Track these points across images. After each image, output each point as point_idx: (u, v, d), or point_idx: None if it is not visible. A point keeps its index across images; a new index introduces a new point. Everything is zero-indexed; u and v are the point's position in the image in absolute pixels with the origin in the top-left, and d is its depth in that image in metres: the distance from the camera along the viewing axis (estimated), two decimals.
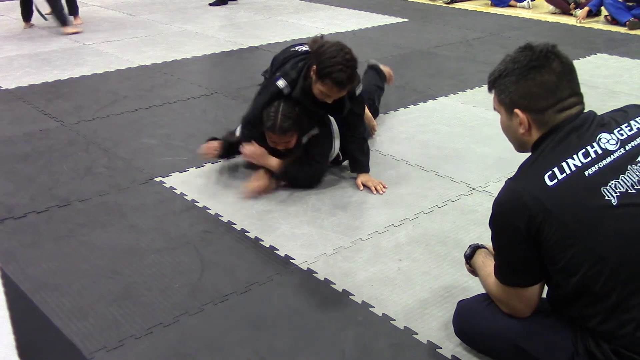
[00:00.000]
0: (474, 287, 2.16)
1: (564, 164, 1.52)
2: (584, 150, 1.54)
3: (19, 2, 6.32)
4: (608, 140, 1.56)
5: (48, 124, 3.82)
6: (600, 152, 1.54)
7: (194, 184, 3.06)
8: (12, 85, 4.55)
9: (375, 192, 2.96)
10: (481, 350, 1.91)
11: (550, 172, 1.52)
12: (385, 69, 3.96)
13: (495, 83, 1.66)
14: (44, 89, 4.49)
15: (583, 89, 1.64)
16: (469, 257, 1.97)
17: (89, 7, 7.49)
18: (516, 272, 1.65)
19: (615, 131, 1.59)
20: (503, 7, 7.63)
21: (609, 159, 1.54)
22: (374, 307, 2.16)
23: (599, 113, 1.67)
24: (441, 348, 1.97)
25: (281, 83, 2.87)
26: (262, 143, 2.99)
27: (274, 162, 2.99)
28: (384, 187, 3.00)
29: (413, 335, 2.03)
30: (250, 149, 2.98)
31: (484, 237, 2.07)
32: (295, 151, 2.98)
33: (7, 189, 3.01)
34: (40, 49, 5.55)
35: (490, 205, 1.63)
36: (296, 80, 2.85)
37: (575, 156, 1.53)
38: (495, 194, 1.63)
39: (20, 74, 4.81)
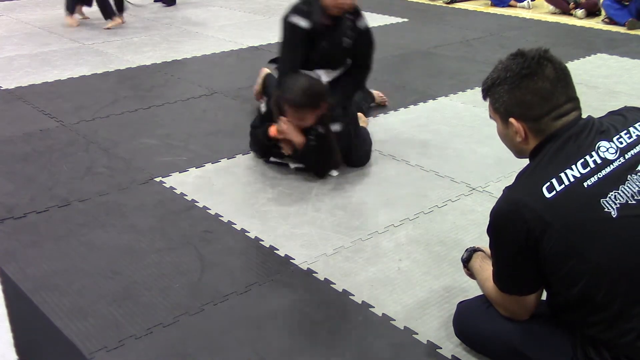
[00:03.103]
0: (473, 288, 2.16)
1: (562, 174, 1.50)
2: (582, 160, 1.51)
3: None
4: (607, 149, 1.53)
5: (48, 124, 3.82)
6: (599, 161, 1.51)
7: (194, 184, 3.06)
8: (12, 85, 4.54)
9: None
10: (481, 352, 1.91)
11: (548, 183, 1.49)
12: (375, 92, 4.03)
13: (488, 91, 1.64)
14: (44, 89, 4.49)
15: (583, 89, 1.62)
16: (466, 261, 1.97)
17: (89, 7, 7.48)
18: (514, 281, 1.64)
19: (615, 139, 1.55)
20: (503, 7, 7.63)
21: (608, 169, 1.51)
22: (374, 307, 2.16)
23: (598, 113, 1.66)
24: (441, 348, 1.97)
25: (295, 19, 3.10)
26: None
27: (299, 138, 3.03)
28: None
29: (413, 335, 2.03)
30: (283, 125, 3.01)
31: (484, 237, 2.06)
32: (316, 131, 3.01)
33: (7, 189, 3.01)
34: (40, 49, 5.55)
35: (490, 205, 1.63)
36: (309, 9, 3.09)
37: (574, 166, 1.50)
38: (495, 194, 1.64)
39: (20, 74, 4.81)
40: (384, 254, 2.48)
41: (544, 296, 1.69)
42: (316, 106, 2.95)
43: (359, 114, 3.66)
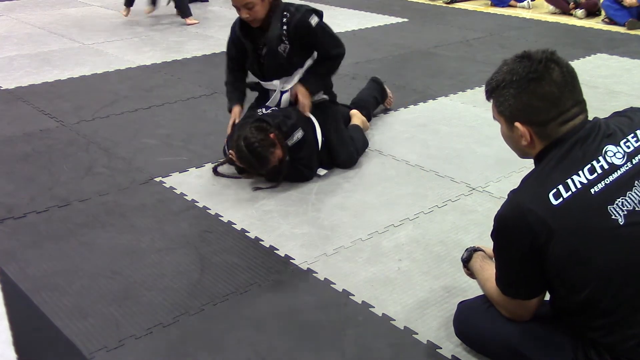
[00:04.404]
0: (473, 288, 2.16)
1: (569, 180, 1.48)
2: (589, 165, 1.49)
3: None
4: (615, 154, 1.51)
5: (48, 124, 3.82)
6: (606, 166, 1.49)
7: (194, 184, 3.06)
8: (12, 85, 4.55)
9: (300, 107, 3.06)
10: (481, 352, 1.90)
11: (555, 189, 1.47)
12: (388, 91, 3.99)
13: (493, 93, 1.60)
14: (44, 89, 4.49)
15: (583, 89, 1.58)
16: (466, 261, 1.97)
17: (89, 7, 7.50)
18: (517, 285, 1.64)
19: (622, 143, 1.53)
20: (503, 7, 7.62)
21: (615, 175, 1.49)
22: (374, 307, 2.16)
23: (598, 113, 1.65)
24: (441, 348, 1.97)
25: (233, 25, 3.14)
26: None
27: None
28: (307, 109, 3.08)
29: (413, 335, 2.03)
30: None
31: (484, 237, 2.06)
32: (284, 161, 2.97)
33: (7, 189, 3.01)
34: (40, 49, 5.55)
35: (490, 205, 1.63)
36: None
37: (580, 172, 1.48)
38: (495, 194, 1.63)
39: (20, 74, 4.81)
40: (384, 254, 2.48)
41: (546, 296, 1.69)
42: (263, 165, 2.89)
43: (361, 116, 3.62)
